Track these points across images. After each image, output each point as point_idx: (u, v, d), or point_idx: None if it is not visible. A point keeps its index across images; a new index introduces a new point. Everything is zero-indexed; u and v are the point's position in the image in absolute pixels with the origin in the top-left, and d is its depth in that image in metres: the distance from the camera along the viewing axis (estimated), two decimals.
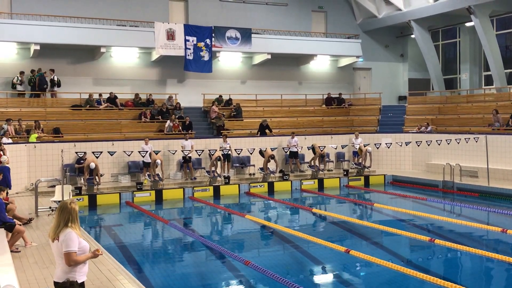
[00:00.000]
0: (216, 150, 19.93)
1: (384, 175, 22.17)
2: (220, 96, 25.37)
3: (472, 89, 27.54)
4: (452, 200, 18.06)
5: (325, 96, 27.79)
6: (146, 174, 19.29)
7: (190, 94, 25.32)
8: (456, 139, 20.18)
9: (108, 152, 17.73)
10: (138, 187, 18.56)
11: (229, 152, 20.55)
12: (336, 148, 22.69)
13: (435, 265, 10.96)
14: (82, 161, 18.47)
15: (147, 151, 18.93)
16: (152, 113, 23.04)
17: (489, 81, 27.32)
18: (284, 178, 21.09)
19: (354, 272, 10.27)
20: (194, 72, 24.90)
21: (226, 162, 20.66)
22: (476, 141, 19.84)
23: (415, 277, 9.38)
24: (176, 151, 19.67)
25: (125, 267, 9.50)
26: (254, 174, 21.49)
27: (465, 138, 20.12)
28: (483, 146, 19.30)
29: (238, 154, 19.92)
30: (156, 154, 19.34)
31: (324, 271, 10.46)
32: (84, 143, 19.24)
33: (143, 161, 19.29)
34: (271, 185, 20.34)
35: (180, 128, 22.56)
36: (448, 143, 20.29)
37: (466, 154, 20.84)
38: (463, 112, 25.05)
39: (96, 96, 22.82)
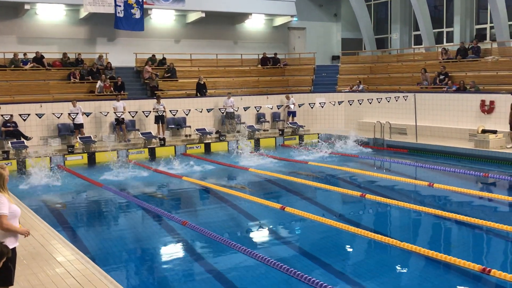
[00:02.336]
0: (150, 111, 19.63)
1: (318, 133, 22.69)
2: (153, 55, 24.77)
3: (402, 49, 28.31)
4: (382, 157, 18.74)
5: (260, 56, 27.76)
6: (78, 137, 18.78)
7: (122, 54, 24.56)
8: (386, 98, 20.84)
9: (36, 114, 17.09)
10: (70, 150, 18.07)
11: (164, 113, 20.30)
12: (271, 108, 22.90)
13: (366, 218, 11.45)
14: (8, 124, 17.73)
15: (77, 113, 18.41)
16: (81, 74, 22.22)
17: (418, 40, 28.15)
18: (221, 139, 21.15)
19: (290, 227, 10.57)
20: (125, 31, 24.09)
21: (160, 124, 20.46)
22: (406, 100, 20.56)
23: (347, 231, 9.78)
24: (108, 112, 19.23)
25: (59, 232, 9.34)
26: (190, 135, 21.39)
27: (395, 97, 20.81)
28: (411, 104, 20.06)
29: (174, 115, 19.72)
30: (87, 116, 18.83)
31: (261, 228, 10.68)
32: (11, 106, 18.44)
33: (73, 123, 18.76)
34: (207, 146, 20.37)
35: (112, 89, 21.94)
36: (379, 102, 20.93)
37: (396, 112, 21.60)
38: (393, 71, 25.79)
39: (21, 56, 21.70)
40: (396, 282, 7.83)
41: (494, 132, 17.47)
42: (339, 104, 22.22)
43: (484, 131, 17.54)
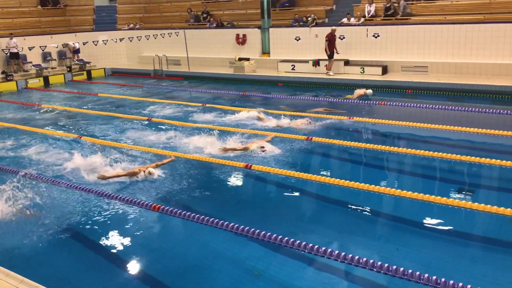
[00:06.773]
0: None
1: (104, 68, 21.44)
2: None
3: None
4: (163, 85, 18.64)
5: None
6: None
7: None
8: (161, 34, 20.47)
9: None
10: None
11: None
12: (57, 47, 20.72)
13: (152, 138, 11.35)
14: None
15: None
16: None
17: None
18: (8, 78, 18.56)
19: (85, 152, 9.99)
20: None
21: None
22: (177, 35, 20.48)
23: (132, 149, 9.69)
24: None
25: None
26: None
27: (168, 33, 20.56)
28: (182, 39, 20.10)
29: None
30: None
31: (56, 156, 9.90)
32: None
33: None
34: None
35: None
36: (155, 38, 20.48)
37: (171, 46, 21.44)
38: (165, 10, 25.24)
39: None
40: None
41: (247, 59, 18.63)
42: (121, 41, 21.13)
43: (240, 59, 18.58)
